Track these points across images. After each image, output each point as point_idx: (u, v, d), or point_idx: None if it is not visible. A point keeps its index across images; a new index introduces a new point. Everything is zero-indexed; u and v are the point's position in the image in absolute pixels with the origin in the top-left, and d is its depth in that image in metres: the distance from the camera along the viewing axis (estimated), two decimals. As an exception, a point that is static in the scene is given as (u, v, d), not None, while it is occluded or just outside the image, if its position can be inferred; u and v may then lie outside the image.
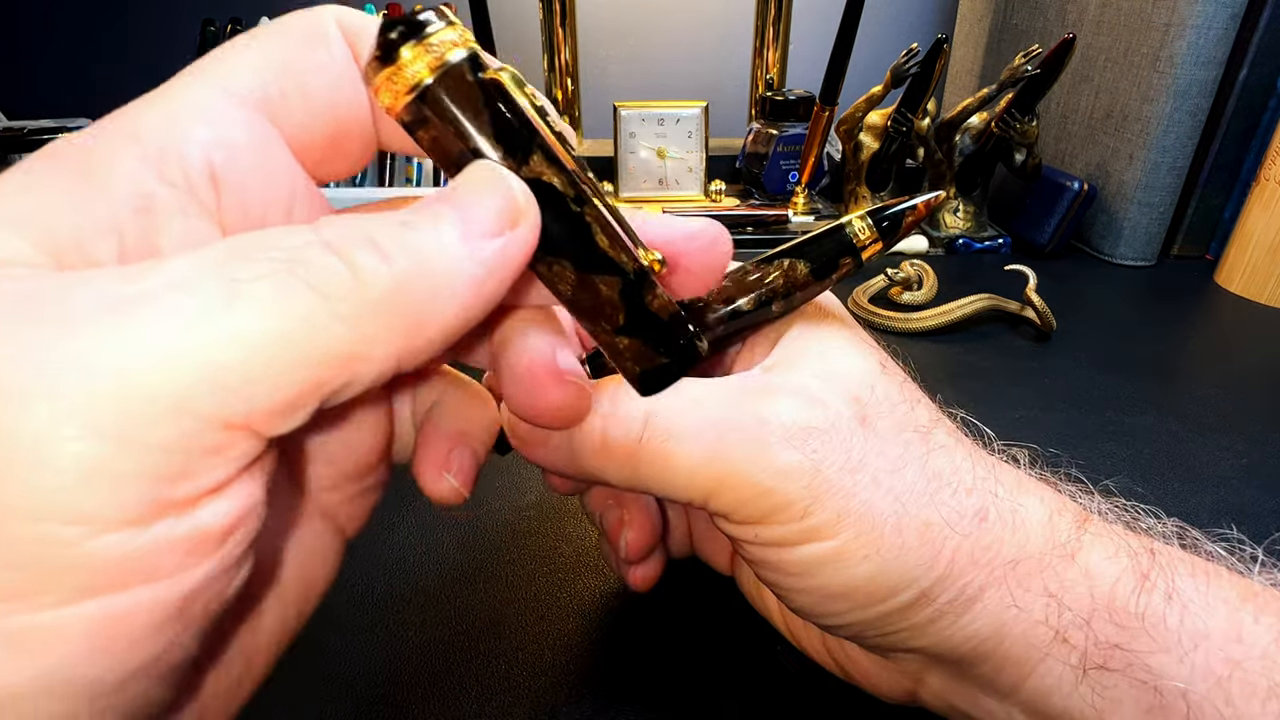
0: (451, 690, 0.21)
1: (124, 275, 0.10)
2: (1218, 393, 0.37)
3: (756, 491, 0.15)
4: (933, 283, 0.46)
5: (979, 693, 0.17)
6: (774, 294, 0.17)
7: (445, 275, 0.11)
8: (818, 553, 0.16)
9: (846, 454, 0.16)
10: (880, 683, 0.19)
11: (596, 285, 0.14)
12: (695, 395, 0.16)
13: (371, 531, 0.27)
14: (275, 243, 0.10)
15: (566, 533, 0.27)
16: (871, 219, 0.17)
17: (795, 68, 0.69)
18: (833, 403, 0.16)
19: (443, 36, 0.12)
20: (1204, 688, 0.14)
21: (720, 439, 0.16)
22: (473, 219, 0.12)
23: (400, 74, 0.12)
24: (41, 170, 0.11)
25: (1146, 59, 0.50)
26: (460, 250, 0.11)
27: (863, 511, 0.16)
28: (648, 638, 0.23)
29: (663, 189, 0.59)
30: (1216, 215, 0.54)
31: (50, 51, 0.83)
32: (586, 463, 0.17)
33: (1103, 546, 0.16)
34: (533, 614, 0.24)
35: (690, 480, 0.16)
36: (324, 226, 0.11)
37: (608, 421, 0.16)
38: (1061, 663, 0.15)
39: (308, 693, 0.21)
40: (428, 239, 0.11)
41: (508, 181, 0.12)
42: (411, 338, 0.11)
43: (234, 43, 0.13)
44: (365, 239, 0.11)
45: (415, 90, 0.12)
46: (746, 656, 0.22)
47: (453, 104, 0.12)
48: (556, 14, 0.62)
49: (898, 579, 0.16)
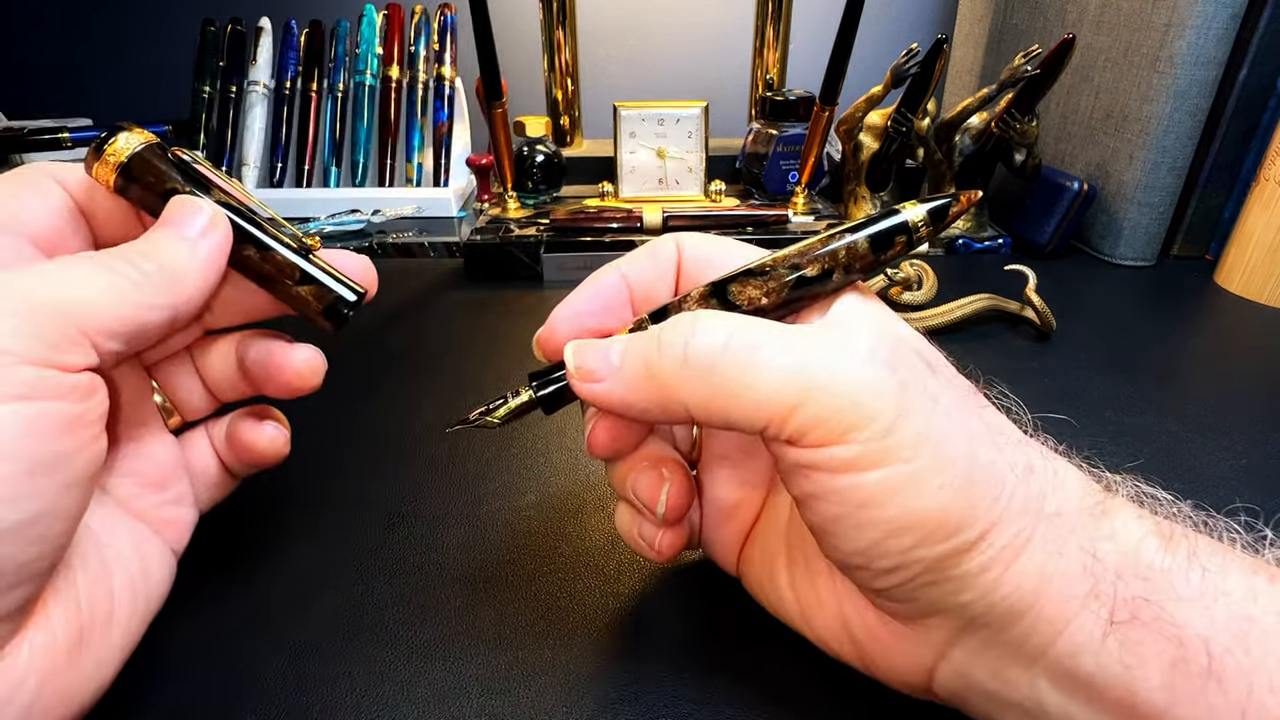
0: (451, 690, 0.21)
1: (40, 265, 0.18)
2: (1218, 393, 0.37)
3: (844, 403, 0.16)
4: (933, 283, 0.46)
5: (1006, 661, 0.17)
6: (836, 265, 0.19)
7: (185, 264, 0.19)
8: (895, 476, 0.16)
9: (924, 383, 0.17)
10: (900, 663, 0.19)
11: (274, 258, 0.22)
12: (772, 324, 0.18)
13: (371, 531, 0.27)
14: (106, 258, 0.19)
15: (566, 533, 0.27)
16: (925, 208, 0.19)
17: (795, 68, 0.69)
18: (903, 345, 0.18)
19: (129, 138, 0.21)
20: (1225, 639, 0.15)
21: (806, 353, 0.17)
22: (191, 228, 0.20)
23: (106, 161, 0.20)
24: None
25: (1146, 59, 0.50)
26: (190, 250, 0.20)
27: (940, 438, 0.16)
28: (648, 637, 0.23)
29: (663, 189, 0.59)
30: (1216, 215, 0.54)
31: (50, 51, 0.83)
32: (665, 382, 0.17)
33: (1127, 511, 0.17)
34: (533, 614, 0.24)
35: (776, 391, 0.16)
36: (122, 250, 0.19)
37: (690, 337, 0.17)
38: (1093, 617, 0.15)
39: (308, 692, 0.21)
40: (170, 248, 0.19)
41: (202, 203, 0.20)
42: (175, 298, 0.19)
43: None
44: (138, 252, 0.19)
45: (118, 166, 0.20)
46: (747, 656, 0.22)
47: (145, 169, 0.20)
48: (556, 14, 0.62)
49: (965, 513, 0.16)
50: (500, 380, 0.38)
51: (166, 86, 0.80)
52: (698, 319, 0.18)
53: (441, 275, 0.53)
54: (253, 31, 0.69)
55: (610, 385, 0.18)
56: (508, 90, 0.52)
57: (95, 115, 0.76)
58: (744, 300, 0.19)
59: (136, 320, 0.18)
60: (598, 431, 0.21)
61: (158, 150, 0.21)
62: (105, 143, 0.20)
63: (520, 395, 0.21)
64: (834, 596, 0.20)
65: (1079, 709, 0.16)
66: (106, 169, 0.20)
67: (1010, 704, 0.17)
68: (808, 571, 0.21)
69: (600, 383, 0.19)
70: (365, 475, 0.31)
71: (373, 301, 0.24)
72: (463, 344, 0.42)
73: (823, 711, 0.21)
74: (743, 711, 0.21)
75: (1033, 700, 0.17)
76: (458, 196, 0.67)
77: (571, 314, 0.21)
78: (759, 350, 0.17)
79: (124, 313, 0.18)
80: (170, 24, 0.81)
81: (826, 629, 0.20)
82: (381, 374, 0.39)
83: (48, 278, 0.17)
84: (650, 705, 0.21)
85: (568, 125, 0.67)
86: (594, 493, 0.30)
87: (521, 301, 0.48)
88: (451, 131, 0.69)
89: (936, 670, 0.18)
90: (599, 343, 0.19)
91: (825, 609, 0.20)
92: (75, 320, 0.17)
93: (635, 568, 0.26)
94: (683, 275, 0.22)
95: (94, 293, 0.17)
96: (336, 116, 0.69)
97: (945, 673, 0.18)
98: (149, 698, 0.21)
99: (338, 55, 0.69)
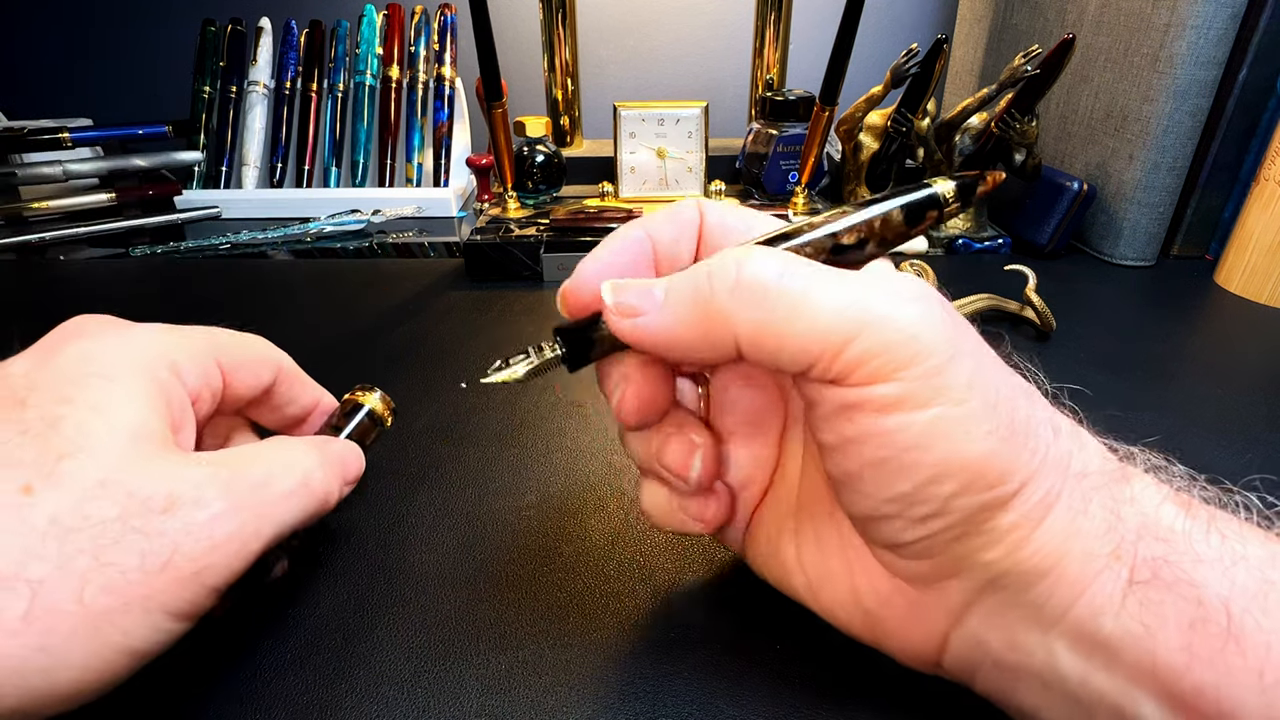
0: (452, 690, 0.21)
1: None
2: (1218, 393, 0.37)
3: (900, 337, 0.16)
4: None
5: (1024, 626, 0.17)
6: (871, 235, 0.19)
7: (335, 494, 0.23)
8: (945, 418, 0.16)
9: (968, 332, 0.17)
10: (911, 633, 0.19)
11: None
12: (820, 265, 0.17)
13: (372, 531, 0.27)
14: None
15: (566, 532, 0.27)
16: (953, 183, 0.19)
17: (795, 68, 0.69)
18: (943, 302, 0.18)
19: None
20: (1244, 600, 0.15)
21: (861, 289, 0.16)
22: (347, 470, 0.24)
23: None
24: None
25: (1146, 59, 0.50)
26: (332, 485, 0.23)
27: (988, 385, 0.16)
28: (648, 637, 0.23)
29: (663, 189, 0.59)
30: (1216, 215, 0.54)
31: (50, 51, 0.83)
32: (714, 309, 0.17)
33: (1146, 477, 0.17)
34: (533, 614, 0.24)
35: (833, 321, 0.16)
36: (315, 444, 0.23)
37: (743, 265, 0.17)
38: (1114, 577, 0.16)
39: (308, 692, 0.21)
40: (322, 477, 0.22)
41: (359, 453, 0.25)
42: (340, 490, 0.23)
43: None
44: (321, 460, 0.22)
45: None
46: (747, 656, 0.22)
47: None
48: (556, 14, 0.62)
49: (1009, 463, 0.16)
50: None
51: (166, 86, 0.80)
52: (749, 251, 0.17)
53: (441, 275, 0.53)
54: (253, 31, 0.69)
55: (654, 319, 0.18)
56: (508, 90, 0.52)
57: (95, 116, 0.76)
58: None
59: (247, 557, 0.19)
60: (628, 398, 0.20)
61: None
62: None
63: (544, 351, 0.20)
64: (845, 567, 0.20)
65: (1096, 673, 0.16)
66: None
67: (1025, 672, 0.17)
68: (817, 542, 0.21)
69: (643, 316, 0.18)
70: (365, 474, 0.30)
71: (373, 301, 0.24)
72: (463, 344, 0.42)
73: (824, 711, 0.21)
74: (743, 711, 0.21)
75: (1049, 667, 0.16)
76: (458, 196, 0.67)
77: (599, 267, 0.20)
78: (813, 281, 0.16)
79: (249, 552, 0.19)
80: (170, 24, 0.81)
81: (836, 601, 0.20)
82: (381, 373, 0.39)
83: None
84: (650, 705, 0.21)
85: (568, 125, 0.67)
86: (594, 493, 0.30)
87: (521, 301, 0.48)
88: (451, 131, 0.69)
89: (949, 639, 0.18)
90: (638, 281, 0.19)
91: (835, 580, 0.20)
92: (207, 581, 0.18)
93: (635, 568, 0.26)
94: (704, 243, 0.21)
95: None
96: (336, 116, 0.69)
97: (958, 641, 0.18)
98: (149, 697, 0.21)
99: (338, 55, 0.69)
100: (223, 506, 0.18)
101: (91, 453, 0.17)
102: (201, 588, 0.17)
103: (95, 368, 0.19)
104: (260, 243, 0.59)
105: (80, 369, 0.19)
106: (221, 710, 0.21)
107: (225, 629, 0.23)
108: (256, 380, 0.24)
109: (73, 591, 0.16)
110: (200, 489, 0.18)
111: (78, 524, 0.16)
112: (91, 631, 0.16)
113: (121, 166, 0.65)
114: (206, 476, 0.18)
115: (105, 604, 0.16)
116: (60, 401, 0.18)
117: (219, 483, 0.18)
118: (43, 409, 0.18)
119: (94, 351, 0.19)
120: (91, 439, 0.17)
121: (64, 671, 0.16)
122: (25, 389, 0.18)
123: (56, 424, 0.17)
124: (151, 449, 0.18)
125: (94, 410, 0.18)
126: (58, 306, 0.48)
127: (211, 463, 0.19)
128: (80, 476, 0.17)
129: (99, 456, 0.17)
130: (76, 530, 0.16)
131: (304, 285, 0.51)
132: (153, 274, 0.54)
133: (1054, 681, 0.17)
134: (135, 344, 0.20)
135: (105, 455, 0.17)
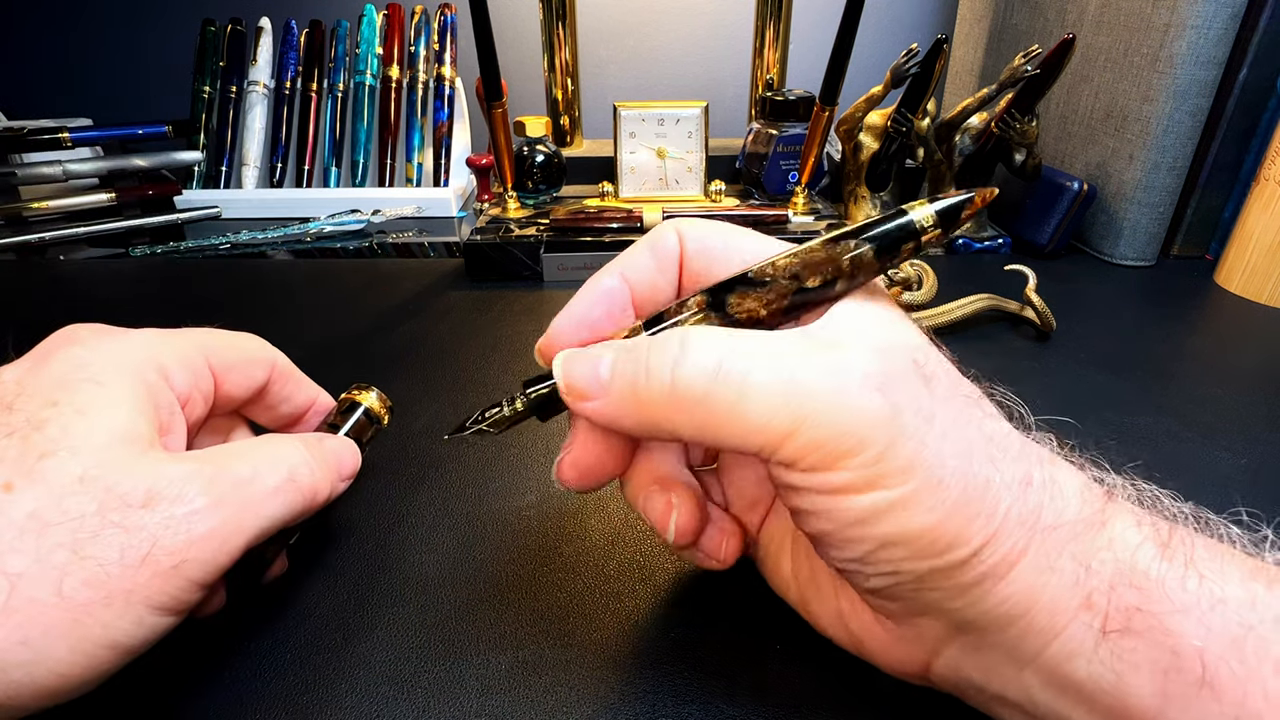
0: (451, 689, 0.21)
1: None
2: (1218, 393, 0.37)
3: (835, 432, 0.16)
4: (933, 283, 0.46)
5: (999, 661, 0.17)
6: (839, 274, 0.18)
7: (326, 490, 0.22)
8: (886, 500, 0.16)
9: (919, 404, 0.16)
10: (894, 656, 0.19)
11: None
12: (764, 341, 0.17)
13: (372, 531, 0.27)
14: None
15: (567, 532, 0.27)
16: (933, 208, 0.18)
17: (795, 68, 0.69)
18: (899, 359, 0.17)
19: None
20: (1219, 648, 0.15)
21: (798, 380, 0.16)
22: (342, 467, 0.24)
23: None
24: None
25: (1146, 59, 0.50)
26: (322, 481, 0.22)
27: (933, 461, 0.16)
28: (648, 637, 0.23)
29: (663, 189, 0.59)
30: (1216, 215, 0.54)
31: (50, 51, 0.83)
32: (654, 410, 0.17)
33: (1126, 517, 0.17)
34: (532, 614, 0.24)
35: (766, 422, 0.16)
36: (308, 440, 0.23)
37: (678, 364, 0.17)
38: (1085, 627, 0.15)
39: (308, 692, 0.21)
40: (309, 473, 0.22)
41: (356, 451, 0.25)
42: (333, 486, 0.23)
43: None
44: (319, 458, 0.22)
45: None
46: (746, 657, 0.22)
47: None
48: (556, 13, 0.62)
49: (957, 532, 0.16)
50: (500, 380, 0.38)
51: (166, 86, 0.80)
52: (686, 341, 0.17)
53: (441, 275, 0.53)
54: (253, 31, 0.69)
55: (600, 405, 0.18)
56: (508, 90, 0.52)
57: (95, 116, 0.76)
58: (743, 313, 0.19)
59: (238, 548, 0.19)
60: (565, 464, 0.21)
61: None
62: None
63: (515, 403, 0.21)
64: (832, 591, 0.20)
65: (1071, 710, 0.16)
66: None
67: (1005, 701, 0.17)
68: (809, 564, 0.21)
69: (590, 402, 0.18)
70: (364, 474, 0.30)
71: (372, 301, 0.24)
72: (462, 344, 0.42)
73: (824, 712, 0.21)
74: (742, 711, 0.21)
75: (1026, 698, 0.17)
76: (458, 196, 0.67)
77: (571, 323, 0.21)
78: (749, 377, 0.16)
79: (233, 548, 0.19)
80: (170, 24, 0.81)
81: (824, 618, 0.21)
82: (381, 374, 0.39)
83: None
84: (650, 705, 0.21)
85: (568, 125, 0.67)
86: (594, 493, 0.29)
87: (521, 301, 0.48)
88: (451, 131, 0.69)
89: (931, 665, 0.18)
90: (588, 353, 0.19)
91: (824, 601, 0.21)
92: (190, 575, 0.18)
93: (635, 568, 0.26)
94: (685, 268, 0.21)
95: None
96: (336, 116, 0.69)
97: (940, 667, 0.18)
98: (149, 697, 0.21)
99: (338, 55, 0.69)
100: (204, 502, 0.18)
101: (73, 451, 0.17)
102: (184, 581, 0.17)
103: (85, 373, 0.19)
104: (260, 243, 0.59)
105: (71, 374, 0.19)
106: (221, 710, 0.21)
107: (225, 629, 0.23)
108: (249, 380, 0.24)
109: (52, 584, 0.16)
110: (181, 485, 0.18)
111: (56, 519, 0.16)
112: (71, 624, 0.16)
113: (121, 166, 0.65)
114: (188, 473, 0.18)
115: (85, 597, 0.16)
116: (47, 405, 0.18)
117: (201, 478, 0.18)
118: (29, 412, 0.18)
119: (84, 357, 0.19)
120: (74, 438, 0.17)
121: (45, 664, 0.16)
122: (14, 394, 0.18)
123: (41, 426, 0.17)
124: (136, 449, 0.18)
125: (79, 412, 0.18)
126: (57, 306, 0.48)
127: (196, 460, 0.19)
128: (60, 473, 0.17)
129: (80, 454, 0.17)
130: (55, 525, 0.16)
131: (304, 285, 0.51)
132: (152, 274, 0.54)
133: (1034, 712, 0.17)
134: (125, 349, 0.20)
135: (86, 453, 0.17)
